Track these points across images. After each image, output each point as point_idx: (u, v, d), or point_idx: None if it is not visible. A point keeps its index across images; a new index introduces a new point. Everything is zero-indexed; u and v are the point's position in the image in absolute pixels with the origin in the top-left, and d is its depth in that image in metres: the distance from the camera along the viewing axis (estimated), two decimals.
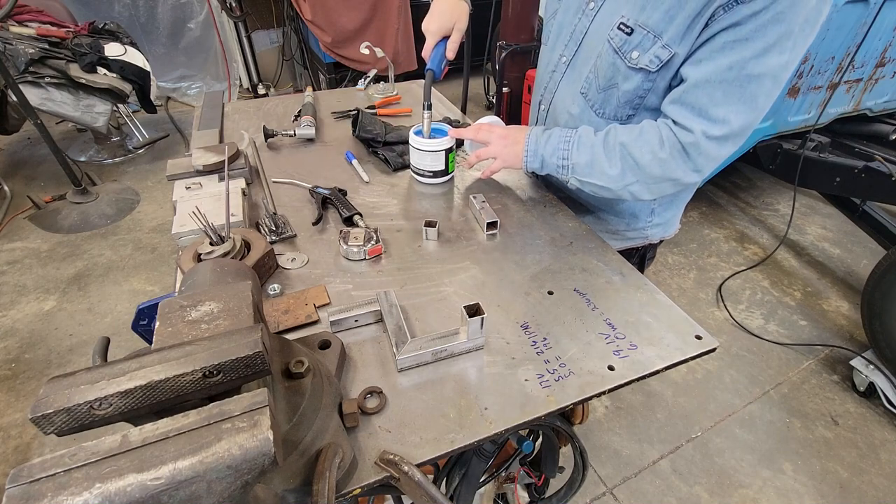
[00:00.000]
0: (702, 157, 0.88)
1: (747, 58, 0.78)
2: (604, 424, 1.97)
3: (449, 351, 0.77)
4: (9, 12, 2.64)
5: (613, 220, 1.20)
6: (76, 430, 0.45)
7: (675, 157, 0.89)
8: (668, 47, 0.85)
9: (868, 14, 2.19)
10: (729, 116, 0.82)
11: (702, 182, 2.43)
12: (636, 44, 0.89)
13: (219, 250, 0.85)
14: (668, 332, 0.82)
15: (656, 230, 1.22)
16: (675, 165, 0.89)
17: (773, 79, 0.79)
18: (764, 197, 3.42)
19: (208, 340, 0.49)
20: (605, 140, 0.95)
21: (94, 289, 2.51)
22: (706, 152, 0.87)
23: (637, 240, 1.22)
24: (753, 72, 0.79)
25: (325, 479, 0.51)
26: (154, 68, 3.39)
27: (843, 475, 1.81)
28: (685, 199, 1.22)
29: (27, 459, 1.76)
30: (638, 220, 1.19)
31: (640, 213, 1.18)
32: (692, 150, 0.87)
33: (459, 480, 0.98)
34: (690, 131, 0.86)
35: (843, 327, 2.42)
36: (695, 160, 0.88)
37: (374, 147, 1.36)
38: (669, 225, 1.23)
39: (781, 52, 0.77)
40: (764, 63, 0.78)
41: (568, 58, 1.06)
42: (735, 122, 0.83)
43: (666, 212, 1.19)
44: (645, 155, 0.90)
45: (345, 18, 3.35)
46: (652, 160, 0.90)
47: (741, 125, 0.83)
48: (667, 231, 1.24)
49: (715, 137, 0.85)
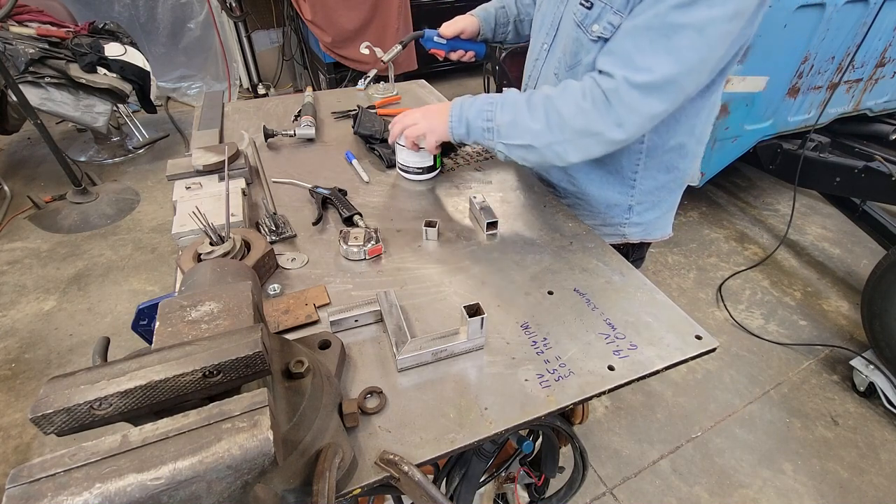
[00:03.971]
0: (623, 108, 0.85)
1: (672, 6, 0.78)
2: (604, 424, 1.97)
3: (449, 351, 0.77)
4: (9, 12, 2.64)
5: (588, 215, 1.20)
6: (76, 430, 0.45)
7: (597, 107, 0.86)
8: (619, 13, 0.87)
9: (868, 14, 2.20)
10: (653, 65, 0.81)
11: (701, 183, 2.46)
12: (596, 16, 0.91)
13: (219, 250, 0.85)
14: (668, 332, 0.82)
15: (635, 230, 1.20)
16: (597, 116, 0.87)
17: (699, 32, 0.79)
18: (764, 197, 3.42)
19: (208, 340, 0.49)
20: (529, 98, 0.94)
21: (94, 289, 2.51)
22: (628, 102, 0.84)
23: (614, 237, 1.21)
24: (678, 21, 0.78)
25: (325, 479, 0.51)
26: (154, 68, 3.39)
27: (843, 475, 1.81)
28: (670, 202, 1.20)
29: (27, 459, 1.76)
30: (613, 216, 1.18)
31: (615, 207, 1.17)
32: (613, 98, 0.85)
33: (459, 480, 0.98)
34: (612, 77, 0.84)
35: (843, 327, 2.42)
36: (616, 110, 0.85)
37: (371, 144, 1.36)
38: (653, 228, 1.21)
39: (711, 6, 0.77)
40: (689, 14, 0.78)
41: (548, 44, 1.09)
42: (658, 71, 0.81)
43: (648, 213, 1.18)
44: (568, 106, 0.88)
45: (345, 18, 3.35)
46: (575, 112, 0.88)
47: (664, 75, 0.81)
48: (650, 234, 1.21)
49: (637, 85, 0.82)
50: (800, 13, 2.02)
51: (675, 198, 1.20)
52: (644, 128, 0.89)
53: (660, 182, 1.13)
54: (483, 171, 1.29)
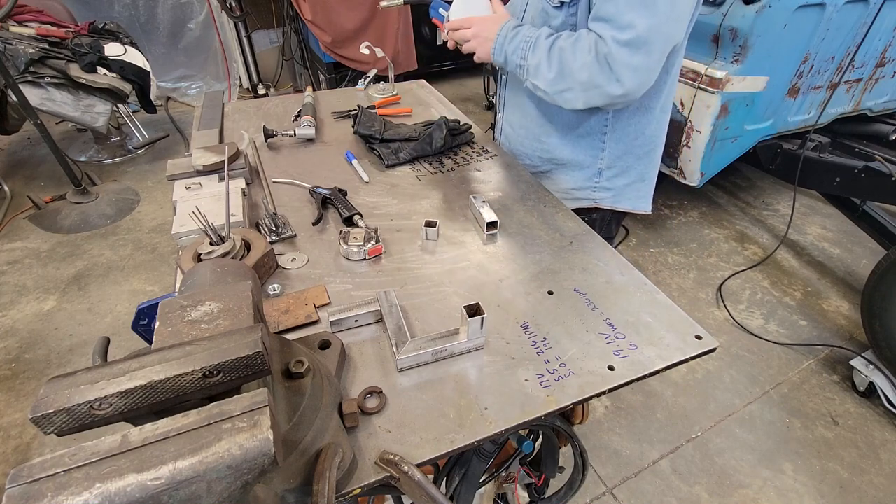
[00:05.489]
0: (618, 65, 0.93)
1: None
2: (604, 424, 1.97)
3: (449, 351, 0.77)
4: (9, 12, 2.64)
5: (563, 179, 1.27)
6: (76, 430, 0.45)
7: (600, 65, 0.95)
8: None
9: (868, 14, 2.20)
10: (633, 20, 0.89)
11: (701, 183, 2.46)
12: None
13: (219, 250, 0.84)
14: (668, 332, 0.82)
15: (604, 194, 1.26)
16: (599, 71, 0.95)
17: None
18: (764, 197, 3.42)
19: (208, 340, 0.49)
20: (551, 45, 1.02)
21: (94, 289, 2.51)
22: (620, 59, 0.92)
23: (585, 200, 1.28)
24: None
25: (325, 479, 0.51)
26: (154, 68, 3.39)
27: (843, 475, 1.81)
28: (639, 171, 1.24)
29: (27, 459, 1.76)
30: (584, 176, 1.25)
31: (586, 170, 1.24)
32: (610, 60, 0.93)
33: (459, 480, 0.98)
34: (604, 40, 0.93)
35: (843, 327, 2.42)
36: (615, 70, 0.94)
37: (371, 144, 1.36)
38: (622, 197, 1.27)
39: None
40: None
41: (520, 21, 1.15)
42: (640, 26, 0.89)
43: (617, 178, 1.24)
44: (577, 60, 0.97)
45: (345, 18, 3.35)
46: (581, 66, 0.97)
47: (646, 28, 0.89)
48: (619, 201, 1.27)
49: (624, 43, 0.91)
50: (800, 13, 2.02)
51: (643, 167, 1.25)
52: (642, 82, 0.96)
53: (626, 146, 1.20)
54: (483, 171, 1.29)
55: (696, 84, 2.20)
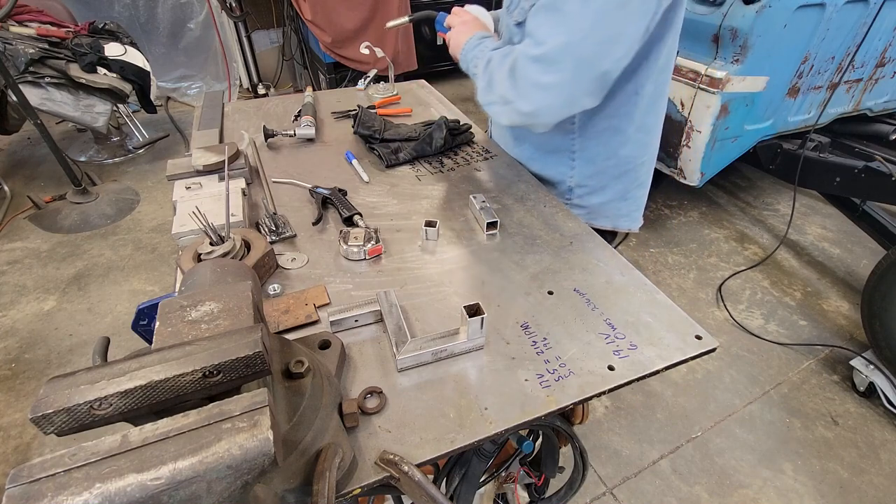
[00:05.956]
0: (523, 81, 0.90)
1: None
2: (604, 424, 1.97)
3: (449, 351, 0.77)
4: (9, 12, 2.64)
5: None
6: (76, 430, 0.45)
7: (510, 80, 0.93)
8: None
9: (868, 14, 2.20)
10: (545, 36, 0.86)
11: (701, 183, 2.46)
12: (516, 4, 1.01)
13: (219, 250, 0.85)
14: (668, 332, 0.82)
15: (578, 212, 1.22)
16: (510, 86, 0.93)
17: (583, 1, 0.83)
18: (764, 197, 3.42)
19: (208, 340, 0.49)
20: (490, 58, 1.02)
21: (94, 289, 2.51)
22: (527, 75, 0.89)
23: None
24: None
25: (325, 479, 0.51)
26: (154, 68, 3.39)
27: (843, 475, 1.81)
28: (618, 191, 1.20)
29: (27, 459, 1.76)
30: (556, 192, 1.23)
31: (557, 185, 1.23)
32: (518, 76, 0.91)
33: (459, 480, 0.98)
34: (519, 56, 0.91)
35: (843, 327, 2.42)
36: (520, 86, 0.91)
37: (371, 144, 1.36)
38: (598, 215, 1.23)
39: None
40: None
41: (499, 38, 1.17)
42: (550, 42, 0.85)
43: (590, 197, 1.21)
44: (498, 73, 0.96)
45: (345, 18, 3.35)
46: (500, 80, 0.95)
47: (556, 46, 0.85)
48: (595, 219, 1.23)
49: (533, 58, 0.88)
50: (800, 13, 2.02)
51: (623, 187, 1.19)
52: (553, 102, 0.91)
53: (599, 166, 1.16)
54: (483, 171, 1.29)
55: (696, 84, 2.20)
